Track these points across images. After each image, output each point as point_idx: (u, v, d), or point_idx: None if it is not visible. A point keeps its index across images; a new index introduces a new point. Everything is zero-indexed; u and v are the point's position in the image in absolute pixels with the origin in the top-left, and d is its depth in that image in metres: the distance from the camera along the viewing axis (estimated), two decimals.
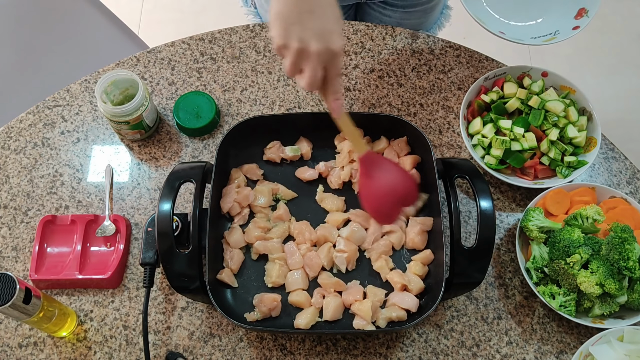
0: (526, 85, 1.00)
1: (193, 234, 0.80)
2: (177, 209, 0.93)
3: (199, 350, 0.87)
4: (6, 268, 0.92)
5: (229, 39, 1.10)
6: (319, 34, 0.68)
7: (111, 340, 0.87)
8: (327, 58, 0.69)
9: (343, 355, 0.87)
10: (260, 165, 0.95)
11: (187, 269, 0.79)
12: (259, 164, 0.95)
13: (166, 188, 0.82)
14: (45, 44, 1.40)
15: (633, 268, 0.83)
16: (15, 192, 0.97)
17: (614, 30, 2.28)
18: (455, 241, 0.81)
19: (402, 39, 1.11)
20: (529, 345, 0.88)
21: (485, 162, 0.95)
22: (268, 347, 0.87)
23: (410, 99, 1.05)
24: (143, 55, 1.08)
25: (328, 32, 0.69)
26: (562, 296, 0.86)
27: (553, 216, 0.93)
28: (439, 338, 0.88)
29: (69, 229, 0.92)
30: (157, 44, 1.10)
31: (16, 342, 0.87)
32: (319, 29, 0.68)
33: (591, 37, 2.24)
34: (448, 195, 0.85)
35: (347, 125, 0.77)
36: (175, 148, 1.00)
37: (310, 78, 0.70)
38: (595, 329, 0.88)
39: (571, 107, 0.97)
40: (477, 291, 0.91)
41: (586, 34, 2.28)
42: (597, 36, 2.25)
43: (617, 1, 2.34)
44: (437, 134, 1.02)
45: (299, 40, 0.68)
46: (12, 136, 1.01)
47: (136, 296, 0.90)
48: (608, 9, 2.32)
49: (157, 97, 1.05)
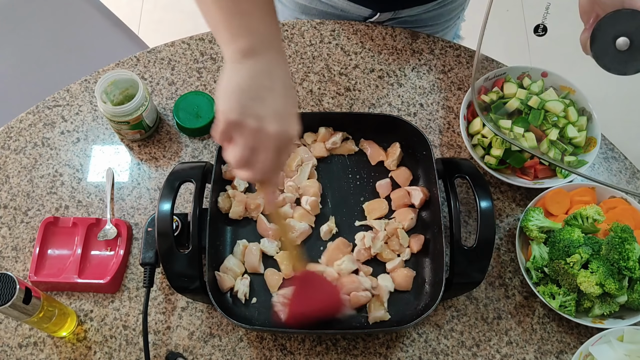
0: (526, 85, 1.00)
1: (193, 234, 0.80)
2: (177, 209, 0.93)
3: (199, 350, 0.87)
4: (6, 268, 0.92)
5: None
6: (279, 114, 0.61)
7: (111, 340, 0.87)
8: (283, 143, 0.62)
9: (343, 355, 0.87)
10: None
11: (187, 269, 0.79)
12: None
13: (166, 188, 0.82)
14: (45, 44, 1.40)
15: (633, 268, 0.83)
16: (15, 192, 0.97)
17: None
18: (455, 241, 0.81)
19: (402, 39, 1.11)
20: (529, 345, 0.88)
21: (485, 162, 0.95)
22: (268, 347, 0.87)
23: (410, 99, 1.05)
24: (143, 55, 1.08)
25: (287, 114, 0.63)
26: (562, 296, 0.86)
27: (553, 216, 0.93)
28: (439, 338, 0.88)
29: (70, 231, 0.92)
30: (157, 44, 1.10)
31: (16, 342, 0.87)
32: (279, 110, 0.62)
33: None
34: (448, 195, 0.85)
35: (286, 236, 0.79)
36: (175, 148, 1.00)
37: (265, 163, 0.62)
38: (595, 329, 0.88)
39: (571, 107, 0.97)
40: (477, 291, 0.91)
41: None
42: None
43: None
44: (437, 134, 1.02)
45: (256, 118, 0.60)
46: (12, 136, 1.01)
47: (136, 296, 0.90)
48: None
49: (157, 97, 1.05)
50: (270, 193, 0.69)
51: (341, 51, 1.09)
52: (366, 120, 0.96)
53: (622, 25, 0.71)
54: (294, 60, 1.08)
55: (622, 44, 0.71)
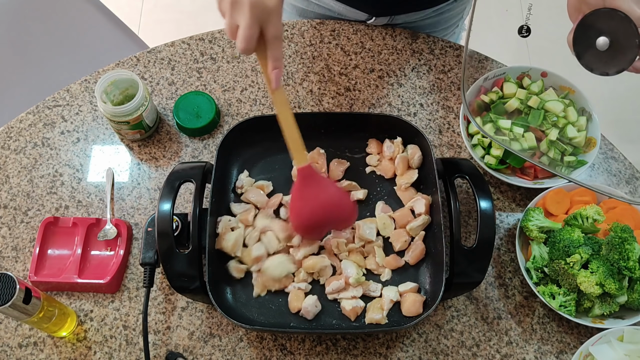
0: (525, 85, 1.00)
1: (193, 234, 0.80)
2: (177, 209, 0.93)
3: (199, 350, 0.87)
4: (6, 268, 0.92)
5: (229, 39, 1.10)
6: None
7: (111, 340, 0.87)
8: (261, 13, 0.68)
9: (343, 355, 0.87)
10: None
11: (187, 269, 0.79)
12: (258, 162, 0.95)
13: (166, 188, 0.82)
14: (45, 44, 1.40)
15: (633, 268, 0.83)
16: (15, 192, 0.97)
17: None
18: (455, 241, 0.81)
19: (402, 39, 1.11)
20: (529, 345, 0.88)
21: (485, 162, 0.96)
22: (268, 347, 0.87)
23: (410, 99, 1.05)
24: (143, 55, 1.08)
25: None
26: (562, 296, 0.86)
27: (553, 216, 0.93)
28: (439, 338, 0.88)
29: (71, 231, 0.92)
30: (157, 44, 1.10)
31: (16, 342, 0.87)
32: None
33: None
34: (448, 195, 0.85)
35: (288, 121, 0.73)
36: (175, 148, 1.00)
37: (244, 32, 0.68)
38: (595, 329, 0.88)
39: (570, 107, 0.97)
40: (477, 291, 0.91)
41: None
42: None
43: None
44: (437, 134, 1.03)
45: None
46: (12, 136, 1.01)
47: (136, 296, 0.90)
48: None
49: (157, 97, 1.05)
50: (270, 68, 0.72)
51: (341, 51, 1.09)
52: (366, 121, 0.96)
53: (601, 24, 0.69)
54: (294, 60, 1.08)
55: (601, 44, 0.70)
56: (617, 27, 0.68)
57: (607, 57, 0.71)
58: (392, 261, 0.88)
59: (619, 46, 0.69)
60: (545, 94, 0.98)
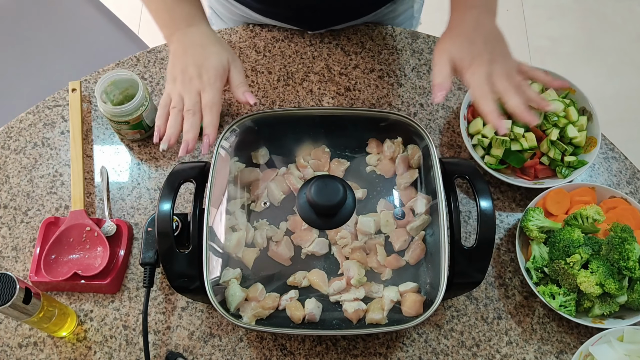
0: None
1: (193, 234, 0.80)
2: (177, 209, 0.93)
3: (199, 350, 0.87)
4: (6, 268, 0.92)
5: (229, 39, 1.10)
6: None
7: (111, 340, 0.87)
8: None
9: (343, 355, 0.87)
10: None
11: (187, 269, 0.79)
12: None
13: (166, 188, 0.82)
14: (46, 44, 1.40)
15: (633, 268, 0.83)
16: (15, 192, 0.97)
17: (614, 30, 2.28)
18: (455, 241, 0.81)
19: (402, 39, 1.11)
20: (529, 345, 0.88)
21: (485, 162, 0.96)
22: (268, 347, 0.87)
23: (410, 99, 1.05)
24: (143, 55, 1.08)
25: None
26: (562, 296, 0.86)
27: (553, 216, 0.93)
28: (439, 338, 0.88)
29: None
30: (157, 44, 1.10)
31: (16, 342, 0.87)
32: None
33: (591, 37, 2.24)
34: (448, 195, 0.84)
35: None
36: (175, 148, 1.00)
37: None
38: (595, 329, 0.88)
39: (571, 107, 0.97)
40: (477, 291, 0.91)
41: (586, 34, 2.28)
42: (597, 36, 2.26)
43: (617, 1, 2.34)
44: (437, 134, 1.03)
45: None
46: (12, 136, 1.01)
47: (136, 296, 0.90)
48: (608, 9, 2.32)
49: (157, 97, 1.05)
50: (241, 94, 0.86)
51: (341, 51, 1.09)
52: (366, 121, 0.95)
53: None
54: (294, 60, 1.08)
55: None
56: None
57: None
58: (392, 261, 0.88)
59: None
60: (545, 94, 0.98)
